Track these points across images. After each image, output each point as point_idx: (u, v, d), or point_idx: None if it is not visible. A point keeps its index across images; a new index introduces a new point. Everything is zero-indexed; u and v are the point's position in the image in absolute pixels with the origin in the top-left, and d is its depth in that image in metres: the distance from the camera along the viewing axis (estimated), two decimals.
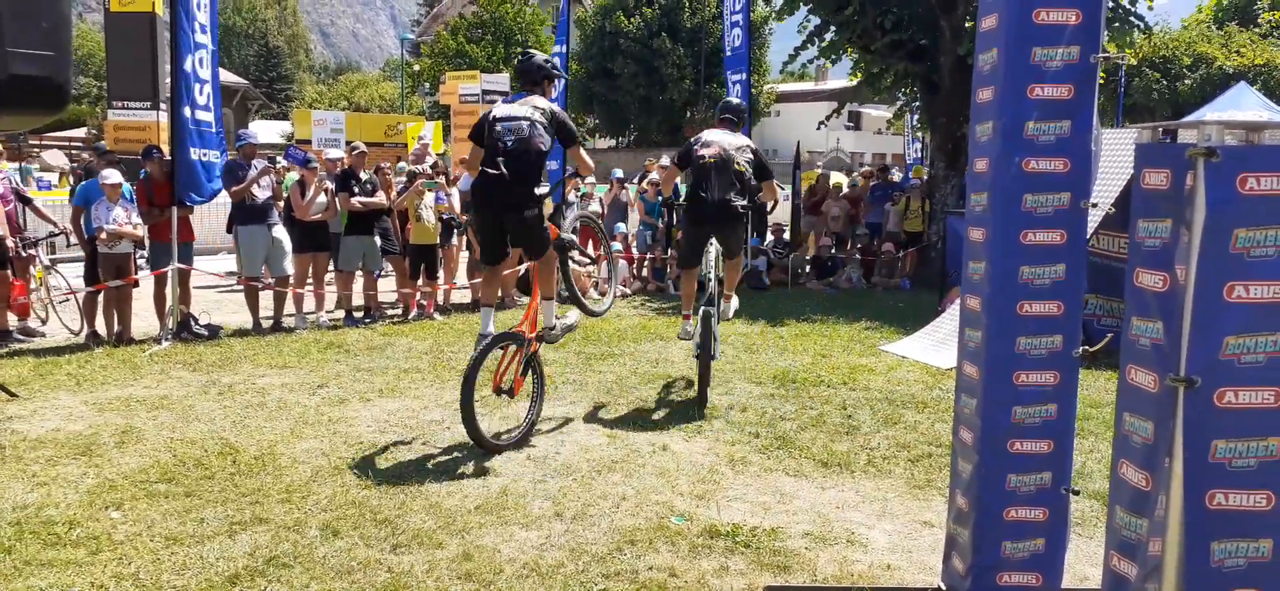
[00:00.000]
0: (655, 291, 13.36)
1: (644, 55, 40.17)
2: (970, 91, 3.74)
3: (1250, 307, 2.43)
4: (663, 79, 40.39)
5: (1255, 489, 2.49)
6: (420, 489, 5.15)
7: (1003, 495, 3.57)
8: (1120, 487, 2.73)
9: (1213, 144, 2.43)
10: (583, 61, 41.50)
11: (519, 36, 41.50)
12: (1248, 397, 2.46)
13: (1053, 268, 3.49)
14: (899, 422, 6.72)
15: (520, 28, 41.60)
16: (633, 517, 4.82)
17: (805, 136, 34.43)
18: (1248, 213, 2.42)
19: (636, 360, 8.61)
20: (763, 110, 44.07)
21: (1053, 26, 3.38)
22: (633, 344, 9.39)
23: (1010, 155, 3.44)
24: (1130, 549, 2.67)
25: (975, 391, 3.63)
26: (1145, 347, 2.62)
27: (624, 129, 46.37)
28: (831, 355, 9.07)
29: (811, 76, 50.31)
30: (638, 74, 40.36)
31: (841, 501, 5.17)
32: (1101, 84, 13.85)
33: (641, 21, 40.17)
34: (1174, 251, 2.51)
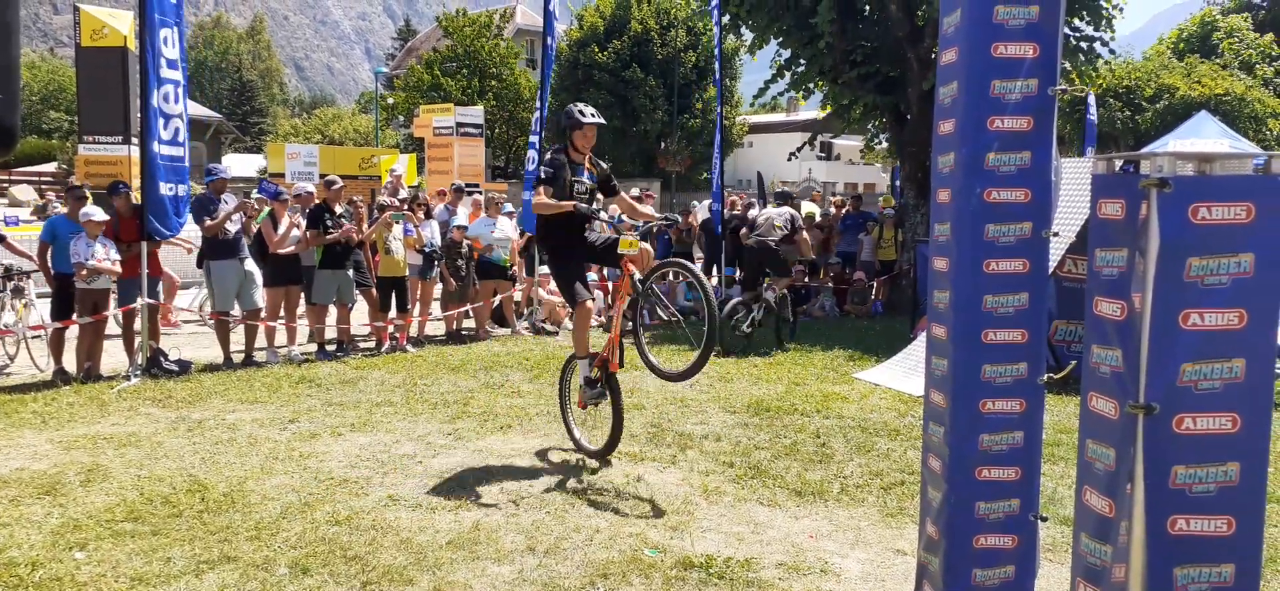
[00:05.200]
0: None
1: (617, 86, 40.38)
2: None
3: (1205, 335, 2.48)
4: (635, 110, 40.60)
5: (1216, 514, 2.53)
6: (392, 525, 5.11)
7: (972, 522, 3.60)
8: (1084, 514, 2.77)
9: (1165, 175, 2.48)
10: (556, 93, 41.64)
11: (493, 69, 41.63)
12: (1206, 423, 2.51)
13: (1016, 296, 3.54)
14: (872, 450, 6.75)
15: (494, 61, 41.73)
16: (606, 550, 4.80)
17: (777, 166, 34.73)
18: (1200, 242, 2.47)
19: None
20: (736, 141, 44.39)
21: (1011, 60, 3.45)
22: None
23: (972, 186, 3.50)
24: (1096, 575, 2.70)
25: (943, 419, 3.66)
26: (1105, 375, 2.67)
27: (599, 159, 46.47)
28: (805, 383, 9.10)
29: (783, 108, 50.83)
30: (611, 105, 40.54)
31: (815, 530, 5.18)
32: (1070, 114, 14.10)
33: (613, 54, 40.42)
34: (1130, 280, 2.56)
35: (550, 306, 12.69)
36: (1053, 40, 3.47)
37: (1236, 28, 35.81)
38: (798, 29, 14.78)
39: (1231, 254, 2.47)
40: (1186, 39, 36.99)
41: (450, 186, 14.19)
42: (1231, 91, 28.57)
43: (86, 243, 8.69)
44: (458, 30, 41.42)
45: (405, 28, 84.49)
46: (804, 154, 19.88)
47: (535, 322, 12.33)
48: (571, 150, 6.24)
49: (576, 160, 6.26)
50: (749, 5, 15.10)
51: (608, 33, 41.14)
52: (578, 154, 6.26)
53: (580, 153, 6.26)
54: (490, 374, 9.34)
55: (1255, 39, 35.08)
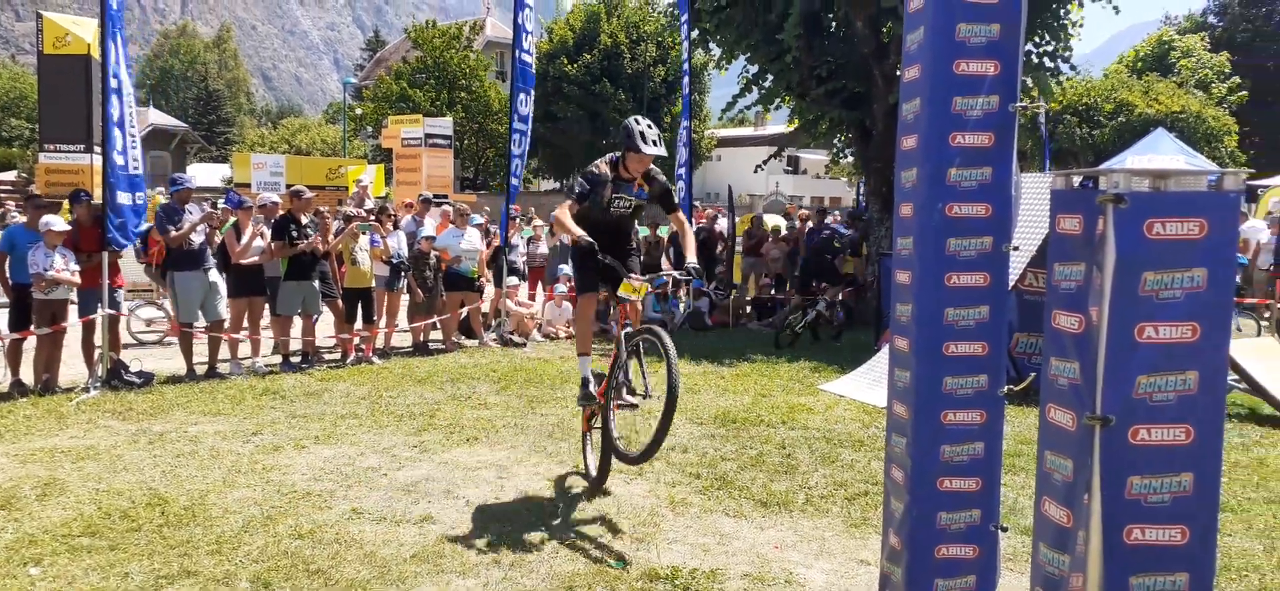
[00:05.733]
0: (599, 333, 13.35)
1: (586, 100, 40.47)
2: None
3: (1160, 347, 2.53)
4: (605, 123, 40.68)
5: (1170, 523, 2.57)
6: (356, 538, 5.06)
7: (934, 533, 3.64)
8: (1043, 524, 2.81)
9: (1121, 191, 2.53)
10: None
11: (462, 81, 41.51)
12: (1161, 435, 2.56)
13: (977, 309, 3.59)
14: (836, 461, 6.80)
15: (463, 73, 41.63)
16: (571, 563, 4.79)
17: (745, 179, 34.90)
18: (1155, 256, 2.52)
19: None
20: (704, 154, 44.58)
21: (972, 77, 3.51)
22: (576, 386, 9.35)
23: (934, 200, 3.55)
24: (1054, 584, 2.74)
25: (905, 430, 3.70)
26: (1063, 387, 2.71)
27: (568, 171, 46.52)
28: (771, 395, 9.14)
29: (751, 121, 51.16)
30: (581, 118, 40.61)
31: (780, 541, 5.20)
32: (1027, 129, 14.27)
33: (583, 67, 40.49)
34: (1088, 294, 2.61)
35: (518, 318, 12.66)
36: (1013, 57, 3.53)
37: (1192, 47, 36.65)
38: (765, 44, 14.90)
39: (1185, 268, 2.53)
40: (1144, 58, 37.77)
41: (418, 197, 14.13)
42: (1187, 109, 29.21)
43: (45, 253, 8.54)
44: (427, 42, 41.28)
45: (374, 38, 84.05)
46: (770, 167, 20.03)
47: (503, 334, 12.29)
48: (622, 168, 5.79)
49: (625, 178, 5.80)
50: (718, 21, 15.21)
51: (577, 46, 41.24)
52: (627, 173, 5.79)
53: (630, 174, 5.79)
54: (457, 386, 9.29)
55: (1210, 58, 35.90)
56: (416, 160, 22.91)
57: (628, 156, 5.73)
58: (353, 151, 43.29)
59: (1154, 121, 26.83)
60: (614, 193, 5.80)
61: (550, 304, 13.50)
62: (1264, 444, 7.39)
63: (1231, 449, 7.17)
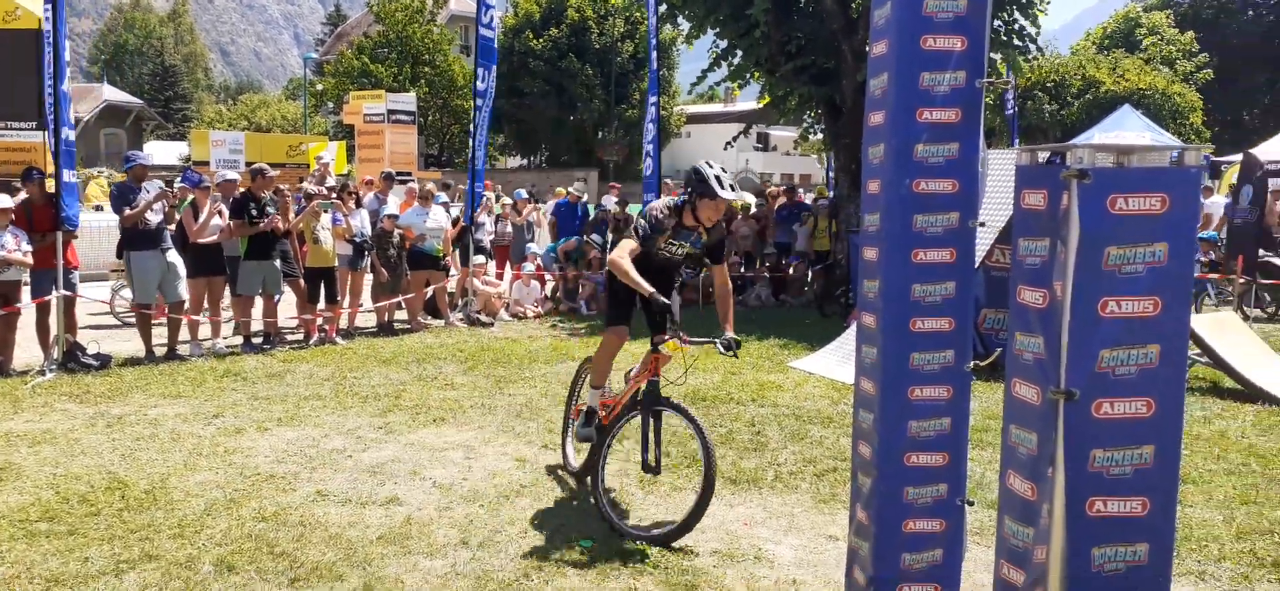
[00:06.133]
0: (568, 312, 13.32)
1: (553, 75, 40.18)
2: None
3: (1123, 322, 2.55)
4: (573, 99, 40.45)
5: (1132, 495, 2.60)
6: (320, 520, 5.01)
7: (901, 508, 3.65)
8: (1008, 498, 2.83)
9: (1085, 166, 2.54)
10: None
11: (425, 56, 41.04)
12: (1123, 408, 2.57)
13: (943, 285, 3.59)
14: (805, 438, 6.83)
15: (427, 47, 41.15)
16: (540, 542, 4.77)
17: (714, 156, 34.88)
18: (1118, 231, 2.53)
19: (547, 382, 8.56)
20: (674, 131, 44.51)
21: (940, 52, 3.49)
22: (544, 365, 9.33)
23: (901, 176, 3.54)
24: (1019, 557, 2.76)
25: (872, 406, 3.71)
26: (1028, 362, 2.72)
27: (535, 148, 46.26)
28: (741, 373, 9.16)
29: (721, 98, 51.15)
30: (548, 93, 40.32)
31: (749, 517, 5.22)
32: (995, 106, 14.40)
33: (549, 41, 40.18)
34: (1052, 269, 2.61)
35: (485, 297, 12.57)
36: (980, 33, 3.52)
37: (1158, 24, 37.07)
38: (734, 20, 14.85)
39: (1147, 243, 2.54)
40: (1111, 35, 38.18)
41: (380, 174, 13.96)
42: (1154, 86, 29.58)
43: None
44: (389, 16, 40.73)
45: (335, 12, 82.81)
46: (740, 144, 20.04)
47: (470, 314, 12.20)
48: (687, 214, 5.22)
49: (688, 226, 5.25)
50: None
51: (543, 20, 40.90)
52: (693, 222, 5.24)
53: (700, 222, 5.24)
54: (423, 366, 9.21)
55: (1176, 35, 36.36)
56: (379, 137, 22.64)
57: (700, 204, 5.15)
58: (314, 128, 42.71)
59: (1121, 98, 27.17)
60: (669, 240, 5.30)
61: (517, 283, 13.42)
62: (1225, 416, 7.52)
63: (1193, 421, 7.29)
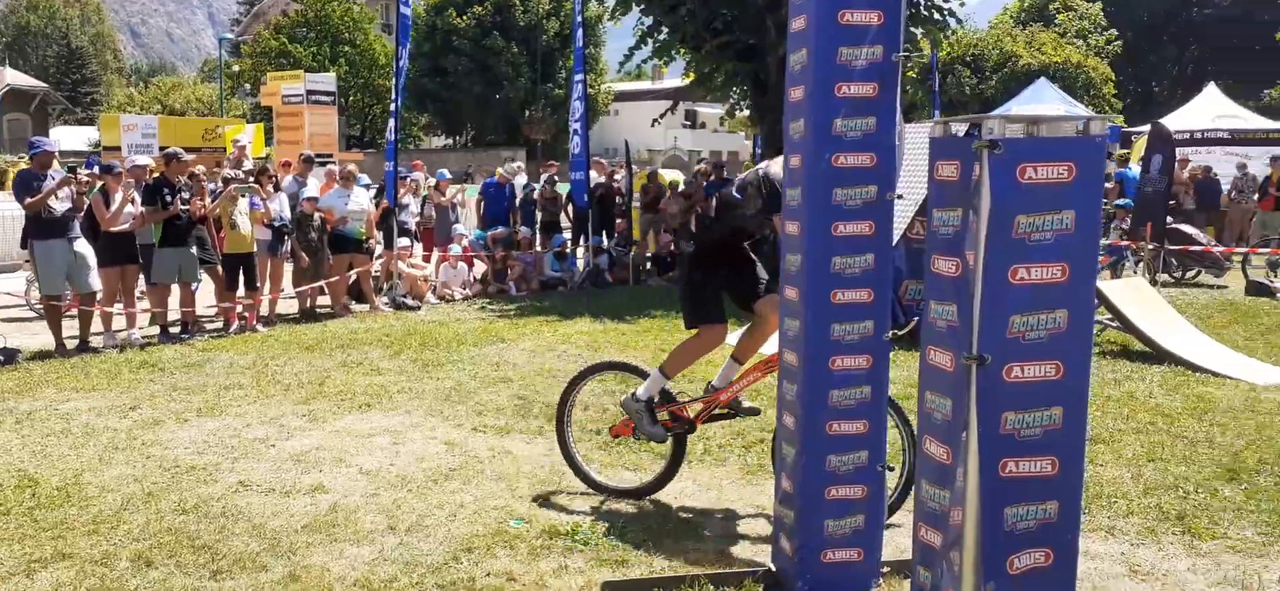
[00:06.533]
0: (497, 294, 13.21)
1: (478, 53, 39.66)
2: None
3: (1032, 288, 2.63)
4: (498, 77, 39.99)
5: (1042, 455, 2.69)
6: (242, 511, 4.89)
7: (824, 475, 3.73)
8: (925, 462, 2.90)
9: (995, 137, 2.60)
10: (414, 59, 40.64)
11: (346, 35, 40.13)
12: (1033, 372, 2.66)
13: (862, 257, 3.66)
14: None
15: (347, 26, 40.23)
16: (470, 525, 4.74)
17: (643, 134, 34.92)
18: (1027, 200, 2.60)
19: (477, 364, 8.48)
20: (602, 109, 44.36)
21: (857, 27, 3.54)
22: (473, 347, 9.25)
23: (821, 151, 3.59)
24: (935, 518, 2.84)
25: (796, 377, 3.77)
26: (942, 329, 2.79)
27: (460, 128, 45.66)
28: (671, 349, 9.19)
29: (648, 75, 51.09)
30: (472, 72, 39.80)
31: (679, 492, 5.26)
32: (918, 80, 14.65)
33: (473, 19, 39.62)
34: (965, 239, 2.68)
35: (411, 280, 12.40)
36: (896, 8, 3.58)
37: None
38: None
39: (1055, 211, 2.62)
40: (1027, 9, 39.10)
41: (299, 156, 13.63)
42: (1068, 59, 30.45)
43: None
44: None
45: None
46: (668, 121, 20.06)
47: (396, 297, 12.02)
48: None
49: None
50: None
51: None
52: None
53: None
54: (348, 352, 9.05)
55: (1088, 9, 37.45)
56: (298, 118, 22.10)
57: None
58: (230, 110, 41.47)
59: (1037, 72, 27.93)
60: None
61: (445, 265, 13.26)
62: (1134, 378, 7.81)
63: (1104, 383, 7.56)
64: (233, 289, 10.26)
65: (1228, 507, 4.94)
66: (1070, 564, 2.76)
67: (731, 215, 4.85)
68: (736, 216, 4.85)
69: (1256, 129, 21.58)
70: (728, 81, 16.44)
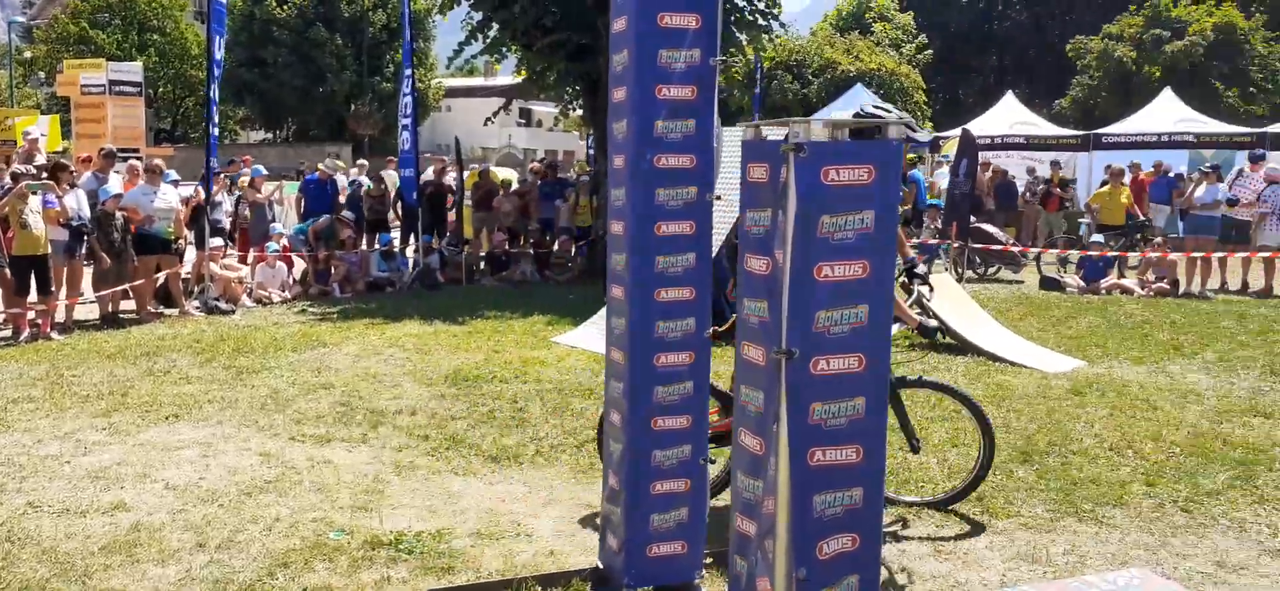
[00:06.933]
0: (319, 296, 12.68)
1: (299, 44, 38.01)
2: None
3: (836, 285, 2.75)
4: (321, 70, 38.46)
5: (847, 443, 2.83)
6: (32, 534, 4.50)
7: (649, 470, 3.78)
8: (740, 454, 2.99)
9: (801, 140, 2.71)
10: (231, 49, 38.52)
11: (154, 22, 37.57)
12: (837, 364, 2.79)
13: (684, 256, 3.74)
14: (567, 410, 6.91)
15: (155, 13, 37.67)
16: (287, 539, 4.53)
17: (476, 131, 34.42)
18: (831, 201, 2.73)
19: (296, 370, 8.12)
20: (432, 105, 43.45)
21: (676, 30, 3.61)
22: (292, 353, 8.85)
23: (643, 152, 3.64)
24: (750, 508, 2.94)
25: (622, 375, 3.81)
26: (755, 325, 2.89)
27: (281, 122, 43.65)
28: (505, 350, 9.12)
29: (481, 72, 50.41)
30: (293, 64, 38.09)
31: (509, 495, 5.22)
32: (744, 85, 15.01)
33: (295, 9, 37.95)
34: (774, 238, 2.78)
35: (225, 282, 11.71)
36: (713, 11, 3.66)
37: (886, 8, 40.26)
38: None
39: (856, 211, 2.76)
40: (845, 17, 40.99)
41: (99, 151, 12.65)
42: (883, 67, 32.17)
43: None
44: None
45: None
46: (503, 119, 19.85)
47: (208, 301, 11.32)
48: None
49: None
50: None
51: None
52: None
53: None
54: (154, 360, 8.47)
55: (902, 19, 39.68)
56: (100, 110, 20.54)
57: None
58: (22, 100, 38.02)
59: (855, 78, 29.36)
60: None
61: (262, 266, 12.60)
62: (940, 369, 8.32)
63: (912, 374, 8.03)
64: (23, 294, 9.41)
65: (1021, 487, 5.35)
66: (875, 546, 2.91)
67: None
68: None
69: (1048, 135, 23.58)
70: (560, 80, 16.45)
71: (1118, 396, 7.27)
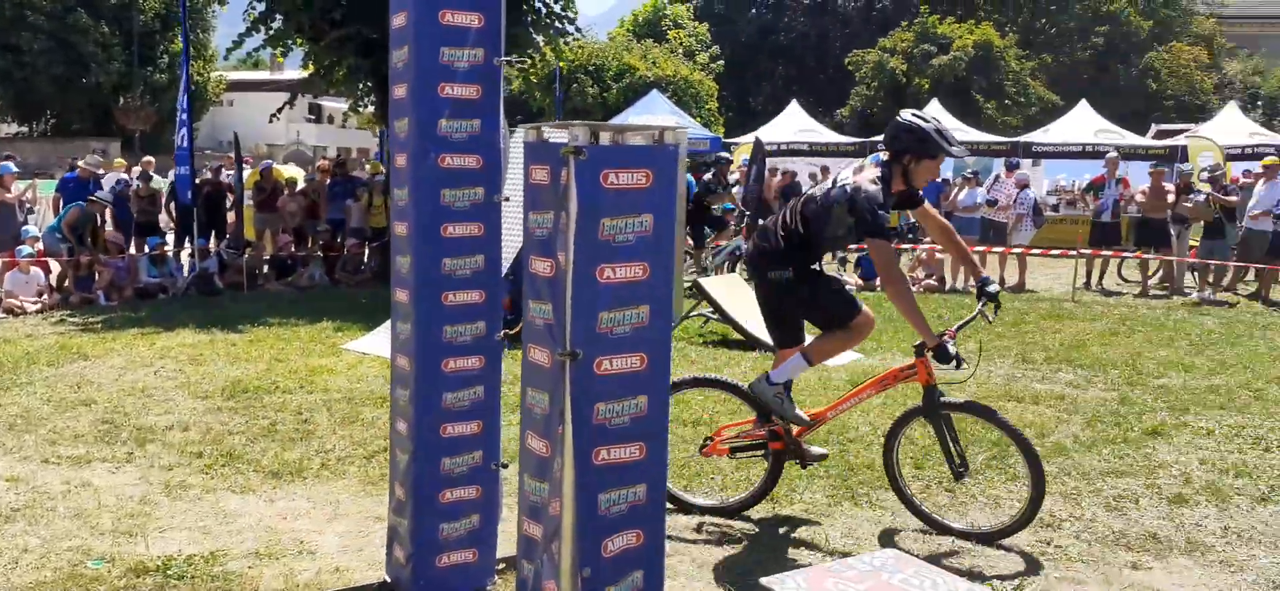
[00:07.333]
0: (81, 304, 11.59)
1: (59, 30, 34.66)
2: None
3: (617, 286, 2.80)
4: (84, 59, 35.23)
5: (631, 442, 2.88)
6: None
7: (438, 479, 3.71)
8: (526, 457, 2.99)
9: (581, 143, 2.73)
10: None
11: None
12: (620, 364, 2.84)
13: (472, 259, 3.69)
14: (357, 421, 6.66)
15: None
16: (36, 572, 4.11)
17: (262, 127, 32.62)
18: (611, 204, 2.77)
19: (52, 386, 7.39)
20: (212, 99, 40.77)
21: (458, 28, 3.55)
22: (48, 367, 8.05)
23: (426, 151, 3.56)
24: (537, 511, 2.94)
25: (408, 382, 3.71)
26: (540, 327, 2.89)
27: (38, 114, 39.64)
28: (289, 359, 8.68)
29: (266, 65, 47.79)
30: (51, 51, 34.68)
31: (291, 511, 4.97)
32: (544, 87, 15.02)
33: None
34: (556, 240, 2.79)
35: None
36: (496, 11, 3.63)
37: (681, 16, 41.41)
38: None
39: (635, 214, 2.82)
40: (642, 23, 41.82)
41: None
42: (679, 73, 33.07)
43: None
44: None
45: None
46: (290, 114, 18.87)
47: None
48: (899, 178, 4.56)
49: (896, 192, 4.60)
50: None
51: None
52: (904, 185, 4.59)
53: (912, 186, 4.61)
54: None
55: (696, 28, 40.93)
56: None
57: (916, 166, 4.53)
58: None
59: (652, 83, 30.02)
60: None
61: (13, 272, 11.37)
62: (731, 365, 8.66)
63: (706, 369, 8.32)
64: None
65: (801, 476, 5.62)
66: (659, 541, 2.99)
67: (816, 232, 4.60)
68: (823, 235, 4.61)
69: (830, 142, 25.10)
70: (350, 76, 15.81)
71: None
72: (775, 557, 4.50)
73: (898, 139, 4.49)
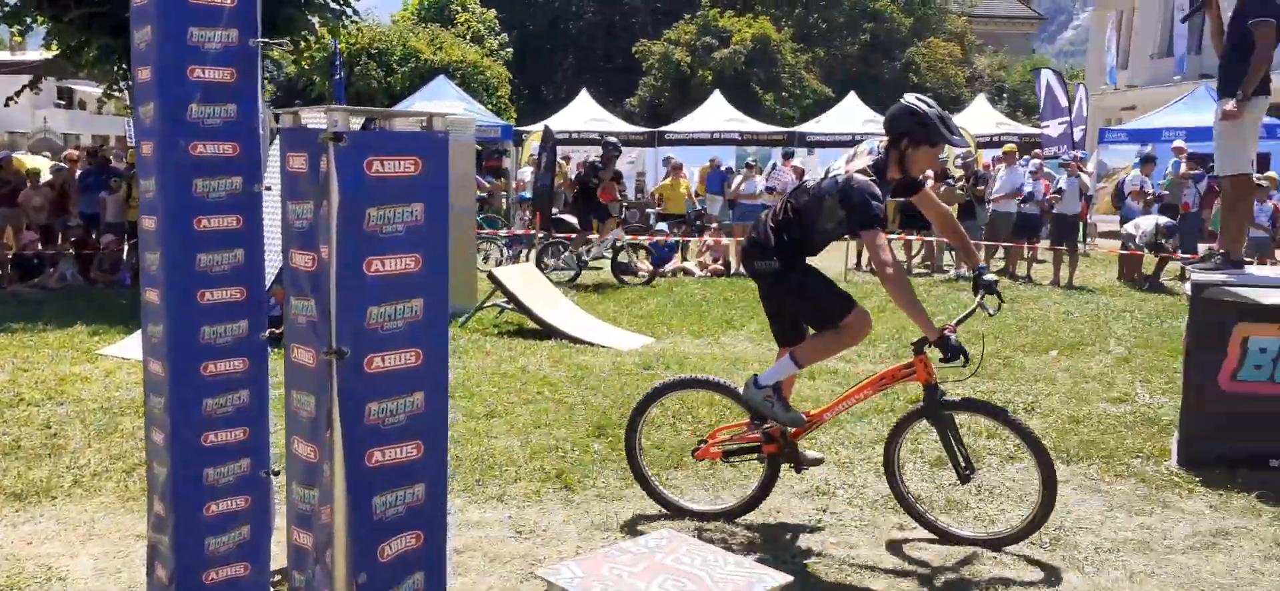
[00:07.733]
0: None
1: None
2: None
3: (387, 279, 2.69)
4: None
5: (407, 441, 2.78)
6: None
7: (201, 491, 3.44)
8: (294, 463, 2.82)
9: (340, 129, 2.60)
10: None
11: None
12: (393, 361, 2.73)
13: (231, 253, 3.44)
14: (115, 432, 6.12)
15: None
16: None
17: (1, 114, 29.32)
18: (376, 193, 2.65)
19: None
20: None
21: (208, 7, 3.30)
22: None
23: (175, 138, 3.29)
24: (306, 520, 2.78)
25: (163, 389, 3.42)
26: (303, 325, 2.73)
27: None
28: (35, 367, 7.86)
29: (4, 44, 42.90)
30: None
31: (37, 535, 4.50)
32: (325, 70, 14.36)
33: None
34: (318, 232, 2.64)
35: None
36: None
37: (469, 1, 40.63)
38: None
39: (405, 204, 2.71)
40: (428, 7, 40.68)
41: None
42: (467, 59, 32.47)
43: None
44: None
45: None
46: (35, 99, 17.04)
47: None
48: (894, 165, 4.38)
49: (892, 179, 4.41)
50: None
51: None
52: (901, 173, 4.40)
53: (912, 173, 4.43)
54: None
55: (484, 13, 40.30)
56: None
57: (914, 153, 4.36)
58: None
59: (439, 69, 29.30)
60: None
61: None
62: (526, 354, 8.61)
63: (502, 361, 8.24)
64: None
65: (596, 460, 5.69)
66: (440, 541, 2.90)
67: (808, 225, 4.42)
68: (815, 228, 4.41)
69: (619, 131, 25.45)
70: (101, 57, 14.45)
71: (680, 367, 8.03)
72: (571, 545, 4.51)
73: (897, 121, 4.38)
